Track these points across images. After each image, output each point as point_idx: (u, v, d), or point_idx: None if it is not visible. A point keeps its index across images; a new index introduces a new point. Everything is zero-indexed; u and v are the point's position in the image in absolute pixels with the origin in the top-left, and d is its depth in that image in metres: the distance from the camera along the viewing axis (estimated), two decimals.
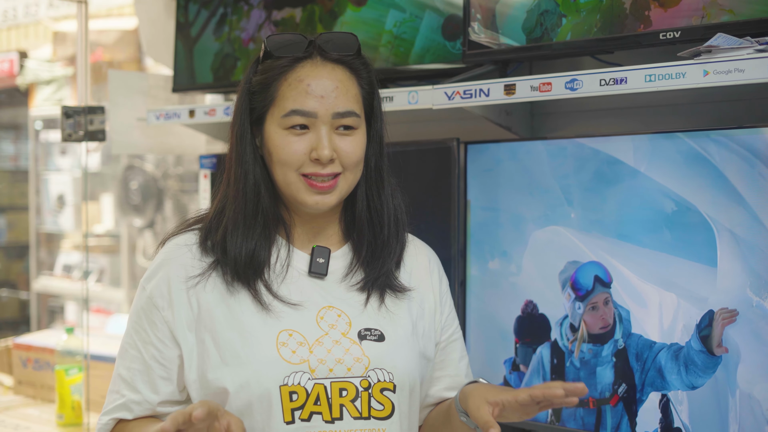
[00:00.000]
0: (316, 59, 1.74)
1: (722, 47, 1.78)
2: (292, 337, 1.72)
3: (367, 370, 1.73)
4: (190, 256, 1.77)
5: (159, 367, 1.75)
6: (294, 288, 1.77)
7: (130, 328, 1.79)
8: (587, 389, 1.60)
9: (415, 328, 1.82)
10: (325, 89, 1.71)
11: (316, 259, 1.80)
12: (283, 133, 1.72)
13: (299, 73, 1.72)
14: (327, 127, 1.71)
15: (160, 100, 3.03)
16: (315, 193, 1.73)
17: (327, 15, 2.53)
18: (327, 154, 1.70)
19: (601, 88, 1.92)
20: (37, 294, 6.28)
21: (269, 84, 1.74)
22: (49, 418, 3.16)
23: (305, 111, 1.70)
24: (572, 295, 2.09)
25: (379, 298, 1.80)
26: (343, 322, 1.76)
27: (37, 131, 6.31)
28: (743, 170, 1.84)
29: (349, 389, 1.71)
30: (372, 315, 1.78)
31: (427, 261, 1.92)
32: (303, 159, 1.71)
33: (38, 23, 6.40)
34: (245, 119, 1.77)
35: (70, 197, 6.07)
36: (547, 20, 2.09)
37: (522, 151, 2.18)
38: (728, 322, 1.86)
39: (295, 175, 1.72)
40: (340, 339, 1.74)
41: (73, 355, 3.10)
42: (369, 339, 1.75)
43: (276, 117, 1.73)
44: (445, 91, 2.17)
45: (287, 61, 1.73)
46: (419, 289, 1.87)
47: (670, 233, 1.94)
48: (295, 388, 1.68)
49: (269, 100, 1.74)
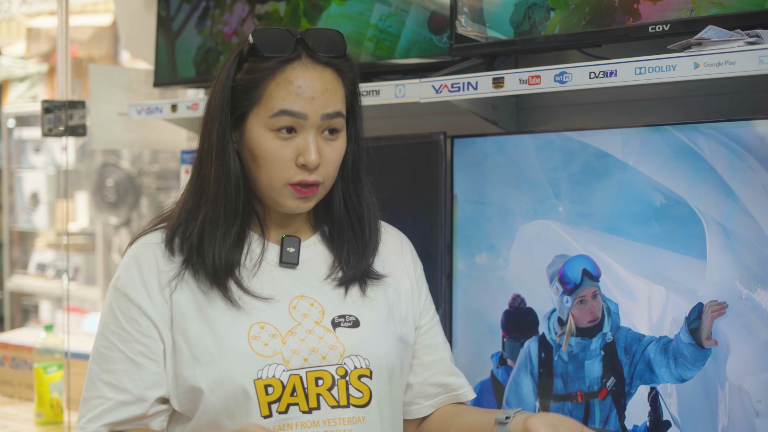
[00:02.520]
0: (306, 60, 1.71)
1: (712, 40, 1.78)
2: (264, 330, 1.71)
3: (343, 358, 1.72)
4: (159, 254, 1.75)
5: (150, 363, 1.71)
6: (266, 280, 1.76)
7: (105, 331, 1.74)
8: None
9: (391, 312, 1.82)
10: (315, 91, 1.70)
11: (287, 248, 1.79)
12: (269, 135, 1.70)
13: (289, 74, 1.70)
14: (314, 131, 1.70)
15: (141, 95, 3.01)
16: (297, 198, 1.72)
17: (311, 9, 2.51)
18: (314, 160, 1.68)
19: (591, 81, 1.92)
20: (11, 293, 6.23)
21: (256, 84, 1.70)
22: (27, 417, 3.12)
23: (295, 112, 1.68)
24: (560, 289, 2.09)
25: (359, 288, 1.80)
26: (316, 310, 1.75)
27: (10, 129, 6.26)
28: (733, 163, 1.85)
29: (325, 378, 1.70)
30: (347, 302, 1.78)
31: (399, 246, 1.92)
32: (289, 165, 1.70)
33: (11, 19, 6.35)
34: (227, 116, 1.73)
35: (44, 195, 6.02)
36: (535, 13, 2.09)
37: (509, 145, 2.17)
38: (717, 314, 1.87)
39: (281, 183, 1.71)
40: (314, 328, 1.73)
41: (52, 353, 3.07)
42: (343, 326, 1.75)
43: (262, 117, 1.70)
44: (433, 84, 2.16)
45: (276, 63, 1.70)
46: (394, 274, 1.87)
47: (659, 226, 1.94)
48: (271, 381, 1.67)
49: (255, 99, 1.71)
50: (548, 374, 2.10)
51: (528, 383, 2.14)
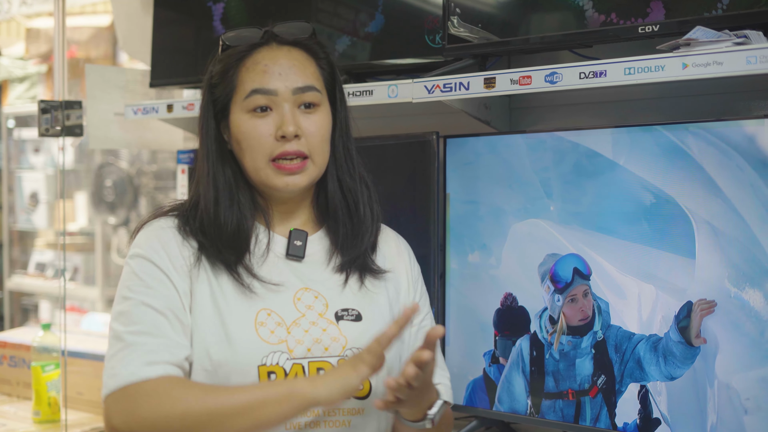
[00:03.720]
0: (272, 45, 1.79)
1: (701, 40, 1.80)
2: (270, 317, 1.73)
3: (345, 350, 1.75)
4: (176, 234, 1.77)
5: (180, 314, 1.69)
6: (273, 271, 1.78)
7: (128, 293, 1.70)
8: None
9: (392, 308, 1.84)
10: (282, 67, 1.75)
11: (294, 241, 1.81)
12: (246, 117, 1.75)
13: (256, 57, 1.77)
14: (289, 105, 1.74)
15: (137, 95, 3.02)
16: (284, 174, 1.75)
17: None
18: (291, 130, 1.72)
19: (581, 81, 1.94)
20: (10, 292, 6.24)
21: (227, 71, 1.77)
22: (25, 415, 3.13)
23: (265, 89, 1.74)
24: (551, 288, 2.10)
25: (359, 279, 1.81)
26: (320, 303, 1.77)
27: (9, 129, 6.27)
28: (721, 163, 1.86)
29: (326, 368, 1.72)
30: (350, 296, 1.80)
31: (395, 245, 1.94)
32: (269, 141, 1.74)
33: (11, 20, 6.36)
34: (209, 113, 1.80)
35: (43, 195, 6.03)
36: (527, 14, 2.11)
37: (501, 145, 2.19)
38: (706, 313, 1.88)
39: (264, 161, 1.74)
40: (317, 320, 1.75)
41: (50, 352, 3.08)
42: (346, 319, 1.77)
43: (239, 103, 1.76)
44: (425, 84, 2.17)
45: (244, 48, 1.78)
46: (394, 270, 1.89)
47: (649, 225, 1.95)
48: (274, 368, 1.69)
49: (230, 89, 1.77)
50: (540, 372, 2.11)
51: (520, 381, 2.15)
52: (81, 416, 3.13)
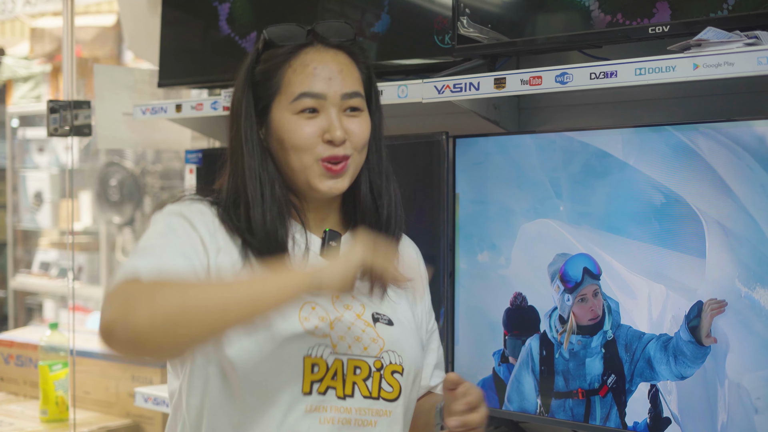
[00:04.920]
0: (318, 46, 1.76)
1: (712, 41, 1.80)
2: (315, 311, 1.72)
3: (382, 351, 1.75)
4: (217, 221, 1.73)
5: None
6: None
7: (152, 232, 1.67)
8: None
9: (414, 316, 1.85)
10: (331, 72, 1.74)
11: (329, 242, 1.81)
12: (293, 118, 1.73)
13: (304, 59, 1.74)
14: (336, 109, 1.73)
15: (145, 95, 3.03)
16: (328, 177, 1.73)
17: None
18: (340, 135, 1.71)
19: (592, 81, 1.94)
20: (15, 292, 6.25)
21: (273, 72, 1.75)
22: (32, 414, 3.15)
23: (314, 93, 1.72)
24: (561, 287, 2.10)
25: (381, 287, 1.81)
26: (358, 304, 1.77)
27: (14, 128, 6.27)
28: (732, 163, 1.86)
29: (363, 368, 1.73)
30: (377, 301, 1.79)
31: (415, 253, 1.95)
32: (316, 141, 1.72)
33: (15, 20, 6.37)
34: (250, 112, 1.77)
35: (47, 195, 6.03)
36: (537, 14, 2.11)
37: (511, 145, 2.19)
38: (717, 312, 1.89)
39: (311, 159, 1.73)
40: (356, 321, 1.75)
41: (57, 351, 3.09)
42: (381, 322, 1.78)
43: (284, 104, 1.74)
44: (435, 85, 2.18)
45: (290, 48, 1.75)
46: (413, 278, 1.88)
47: (659, 225, 1.96)
48: (317, 361, 1.69)
49: (275, 89, 1.75)
50: (549, 372, 2.12)
51: (529, 381, 2.16)
52: (88, 415, 3.15)
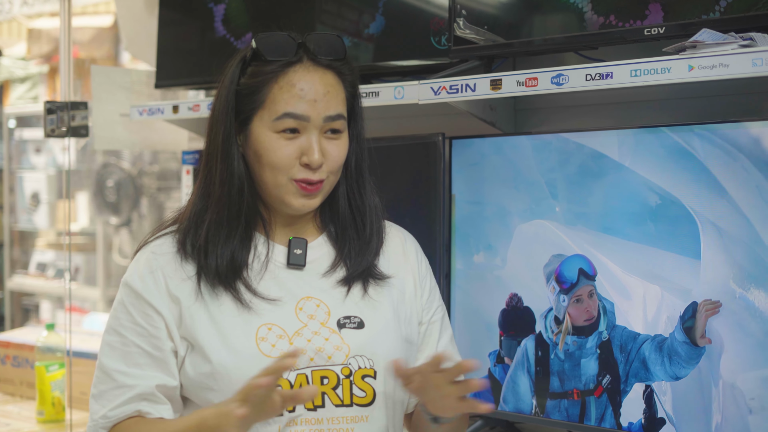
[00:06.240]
0: (307, 63, 1.75)
1: (707, 42, 1.81)
2: (272, 331, 1.74)
3: (348, 358, 1.75)
4: (170, 259, 1.78)
5: (166, 355, 1.75)
6: (273, 282, 1.79)
7: (117, 327, 1.78)
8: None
9: (397, 313, 1.84)
10: (317, 93, 1.73)
11: (294, 250, 1.81)
12: (273, 136, 1.73)
13: (291, 77, 1.74)
14: (317, 132, 1.73)
15: (142, 96, 3.03)
16: (302, 196, 1.75)
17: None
18: (317, 159, 1.72)
19: (587, 83, 1.95)
20: (11, 292, 6.25)
21: (259, 87, 1.74)
22: (29, 415, 3.14)
23: (298, 114, 1.72)
24: (557, 288, 2.11)
25: (362, 287, 1.82)
26: (322, 311, 1.78)
27: (11, 129, 6.27)
28: (726, 164, 1.87)
29: (330, 377, 1.73)
30: (352, 303, 1.80)
31: (401, 244, 1.94)
32: (293, 163, 1.73)
33: (12, 20, 6.37)
34: (231, 120, 1.77)
35: (44, 195, 6.04)
36: (533, 16, 2.12)
37: (507, 146, 2.20)
38: (711, 313, 1.89)
39: (286, 179, 1.74)
40: (320, 329, 1.76)
41: (54, 352, 3.09)
42: (348, 327, 1.78)
43: (266, 120, 1.74)
44: (431, 86, 2.18)
45: (278, 66, 1.74)
46: (398, 274, 1.89)
47: (654, 226, 1.97)
48: (279, 381, 1.69)
49: (258, 103, 1.75)
50: (545, 372, 2.12)
51: (525, 381, 2.16)
52: (85, 416, 3.13)
